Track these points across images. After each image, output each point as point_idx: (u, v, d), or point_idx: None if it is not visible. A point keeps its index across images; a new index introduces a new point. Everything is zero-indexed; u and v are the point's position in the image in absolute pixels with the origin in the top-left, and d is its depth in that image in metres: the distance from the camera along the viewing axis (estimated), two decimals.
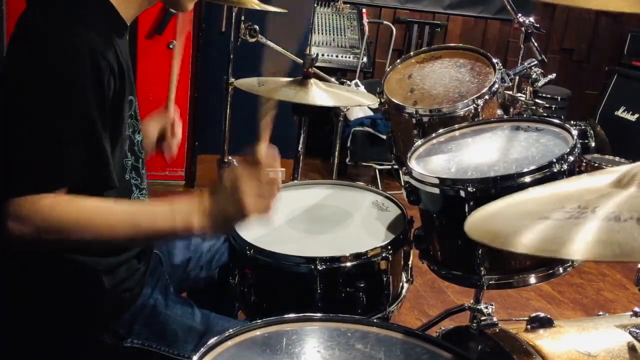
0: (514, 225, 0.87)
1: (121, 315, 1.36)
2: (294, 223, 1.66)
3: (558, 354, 1.21)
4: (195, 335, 1.40)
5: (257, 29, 2.74)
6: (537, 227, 0.81)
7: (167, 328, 1.39)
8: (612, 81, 5.35)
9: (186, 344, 1.38)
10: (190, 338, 1.39)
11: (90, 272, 1.31)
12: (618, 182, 0.85)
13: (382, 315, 1.49)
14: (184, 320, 1.41)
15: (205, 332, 1.40)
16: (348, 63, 4.78)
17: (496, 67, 1.86)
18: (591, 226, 0.75)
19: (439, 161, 1.56)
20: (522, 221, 0.86)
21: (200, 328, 1.41)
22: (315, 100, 1.99)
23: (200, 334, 1.40)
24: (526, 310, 2.94)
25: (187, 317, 1.42)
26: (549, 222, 0.81)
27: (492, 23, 5.51)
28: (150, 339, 1.37)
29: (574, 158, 1.37)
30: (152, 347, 1.37)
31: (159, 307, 1.41)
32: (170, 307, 1.42)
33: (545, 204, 0.93)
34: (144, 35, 3.68)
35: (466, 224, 0.92)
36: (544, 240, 0.78)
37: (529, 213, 0.89)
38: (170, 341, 1.38)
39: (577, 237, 0.74)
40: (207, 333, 1.39)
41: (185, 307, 1.45)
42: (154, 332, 1.38)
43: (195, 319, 1.42)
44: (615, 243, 0.71)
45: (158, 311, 1.40)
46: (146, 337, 1.37)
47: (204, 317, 1.43)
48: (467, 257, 1.42)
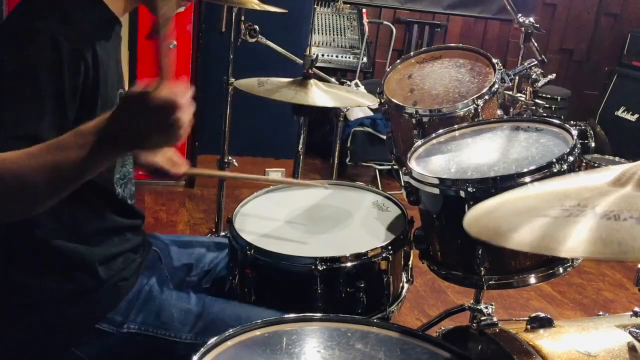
0: (512, 221, 0.87)
1: (118, 304, 1.37)
2: (294, 223, 1.66)
3: (558, 354, 1.21)
4: (192, 316, 1.40)
5: (257, 29, 2.74)
6: (534, 224, 0.81)
7: (162, 311, 1.40)
8: (612, 81, 5.35)
9: (183, 325, 1.39)
10: (186, 320, 1.39)
11: (87, 263, 1.32)
12: (617, 180, 0.86)
13: (382, 315, 1.49)
14: (180, 303, 1.42)
15: (201, 313, 1.40)
16: (348, 63, 4.78)
17: (496, 67, 1.86)
18: (590, 224, 0.75)
19: (439, 161, 1.56)
20: (520, 218, 0.86)
21: (196, 309, 1.41)
22: (315, 100, 1.99)
23: (196, 315, 1.40)
24: (526, 310, 2.94)
25: (183, 300, 1.43)
26: (547, 220, 0.81)
27: (492, 23, 5.51)
28: (147, 322, 1.38)
29: (573, 158, 1.37)
30: (149, 331, 1.37)
31: (154, 292, 1.42)
32: (165, 292, 1.43)
33: (545, 201, 0.93)
34: (144, 36, 3.68)
35: (465, 220, 0.93)
36: (541, 237, 0.78)
37: (528, 210, 0.89)
38: (166, 323, 1.38)
39: (575, 234, 0.74)
40: (203, 314, 1.40)
41: (180, 292, 1.46)
42: (150, 316, 1.39)
43: (190, 302, 1.43)
44: (615, 242, 0.71)
45: (153, 296, 1.41)
46: (142, 322, 1.38)
47: (199, 300, 1.44)
48: (467, 257, 1.42)
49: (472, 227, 0.91)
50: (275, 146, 4.08)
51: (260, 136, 3.97)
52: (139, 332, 1.37)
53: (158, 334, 1.38)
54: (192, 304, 1.43)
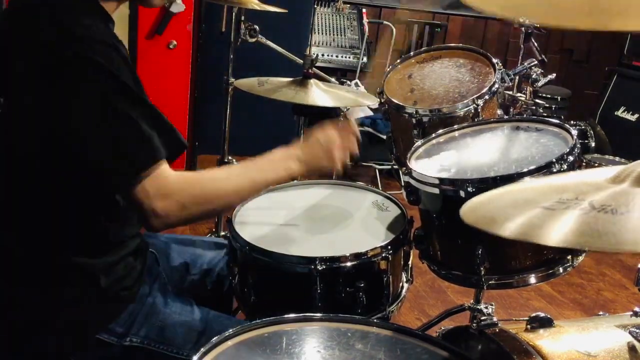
0: (509, 212, 0.87)
1: (120, 314, 1.36)
2: (294, 223, 1.66)
3: (558, 354, 1.21)
4: (194, 333, 1.40)
5: (257, 29, 2.74)
6: (530, 214, 0.82)
7: (166, 326, 1.39)
8: (612, 81, 5.34)
9: (185, 342, 1.38)
10: (189, 337, 1.39)
11: (87, 272, 1.31)
12: (615, 177, 0.86)
13: (382, 315, 1.49)
14: (183, 319, 1.41)
15: (204, 330, 1.40)
16: (348, 63, 4.78)
17: (496, 67, 1.86)
18: (586, 216, 0.76)
19: (439, 161, 1.56)
20: (517, 209, 0.87)
21: (199, 326, 1.41)
22: (315, 100, 1.99)
23: (199, 332, 1.40)
24: (526, 310, 2.94)
25: (186, 315, 1.42)
26: (543, 210, 0.82)
27: (492, 23, 5.51)
28: (149, 337, 1.37)
29: (574, 158, 1.36)
30: (151, 346, 1.37)
31: (158, 305, 1.41)
32: (169, 305, 1.42)
33: (543, 193, 0.94)
34: (144, 36, 3.68)
35: (462, 209, 0.93)
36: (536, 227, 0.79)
37: (525, 201, 0.90)
38: (169, 340, 1.38)
39: (570, 225, 0.75)
40: (206, 332, 1.40)
41: (184, 305, 1.45)
42: (153, 330, 1.38)
43: (194, 317, 1.42)
44: (611, 234, 0.72)
45: (157, 309, 1.40)
46: (145, 336, 1.37)
47: (203, 316, 1.43)
48: (467, 257, 1.42)
49: (468, 216, 0.92)
50: (275, 146, 4.07)
51: (260, 136, 3.96)
52: (140, 345, 1.36)
53: (160, 349, 1.37)
54: (196, 320, 1.42)
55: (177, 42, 3.74)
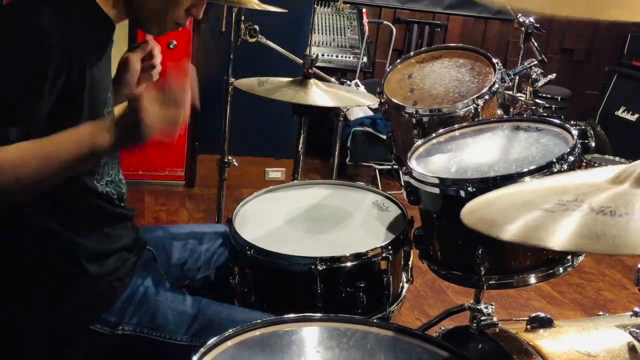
0: (509, 214, 0.87)
1: (112, 305, 1.37)
2: (294, 223, 1.66)
3: (558, 354, 1.21)
4: (187, 318, 1.40)
5: (257, 29, 2.73)
6: (530, 216, 0.82)
7: (157, 313, 1.40)
8: (612, 81, 5.35)
9: (178, 327, 1.39)
10: (181, 322, 1.40)
11: (72, 258, 1.31)
12: (615, 178, 0.86)
13: (382, 315, 1.49)
14: (175, 305, 1.42)
15: (196, 315, 1.40)
16: (348, 63, 4.78)
17: (496, 67, 1.86)
18: (585, 218, 0.76)
19: (439, 161, 1.56)
20: (517, 211, 0.87)
21: (191, 311, 1.41)
22: (315, 100, 1.99)
23: (191, 317, 1.40)
24: (526, 310, 2.94)
25: (178, 302, 1.43)
26: (542, 213, 0.82)
27: (492, 23, 5.51)
28: (142, 324, 1.38)
29: (574, 158, 1.36)
30: (143, 333, 1.38)
31: (149, 294, 1.42)
32: (160, 294, 1.43)
33: (542, 195, 0.94)
34: (144, 36, 3.67)
35: (462, 211, 0.93)
36: (535, 229, 0.79)
37: (525, 203, 0.90)
38: (161, 326, 1.39)
39: (570, 228, 0.75)
40: (198, 317, 1.40)
41: (176, 294, 1.46)
42: (145, 317, 1.39)
43: (186, 303, 1.43)
44: (609, 236, 0.72)
45: (148, 297, 1.41)
46: (137, 323, 1.38)
47: (195, 302, 1.44)
48: (467, 257, 1.42)
49: (468, 218, 0.92)
50: (275, 146, 4.08)
51: (260, 136, 3.97)
52: (133, 333, 1.37)
53: (153, 335, 1.38)
54: (188, 306, 1.42)
55: (177, 42, 3.74)
